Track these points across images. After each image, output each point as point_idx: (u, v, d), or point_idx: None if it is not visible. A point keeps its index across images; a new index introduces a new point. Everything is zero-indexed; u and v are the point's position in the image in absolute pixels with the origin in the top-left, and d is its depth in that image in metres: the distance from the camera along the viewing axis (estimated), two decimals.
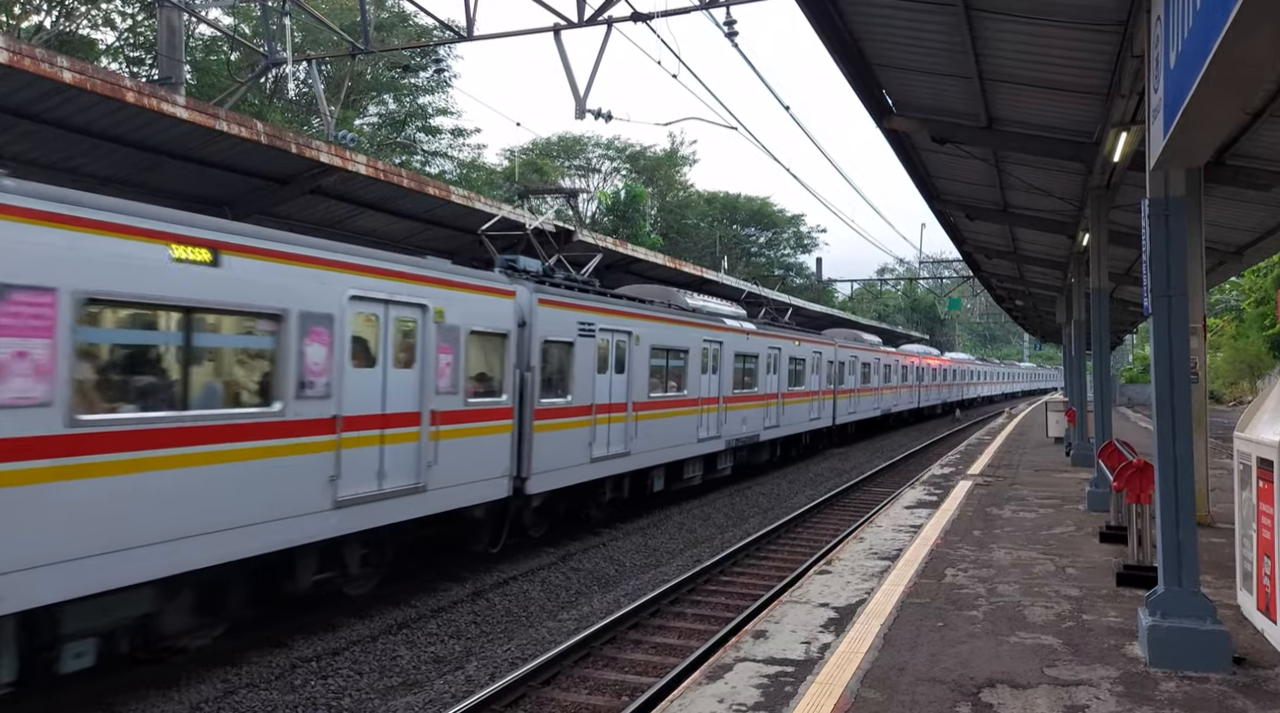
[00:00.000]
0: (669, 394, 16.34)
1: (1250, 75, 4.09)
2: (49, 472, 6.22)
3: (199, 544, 7.26)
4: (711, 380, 18.18)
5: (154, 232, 6.99)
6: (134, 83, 9.63)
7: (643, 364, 15.20)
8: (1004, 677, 5.78)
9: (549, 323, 12.28)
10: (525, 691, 7.80)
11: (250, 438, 7.71)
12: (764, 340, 21.55)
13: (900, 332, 55.50)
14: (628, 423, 14.60)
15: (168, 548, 7.02)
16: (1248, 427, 6.86)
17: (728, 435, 19.10)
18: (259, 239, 7.96)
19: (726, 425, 18.97)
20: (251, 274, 7.76)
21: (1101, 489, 12.25)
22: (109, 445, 6.62)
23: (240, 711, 7.32)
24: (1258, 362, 50.77)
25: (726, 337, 18.98)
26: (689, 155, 65.22)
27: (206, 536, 7.31)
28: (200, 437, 7.27)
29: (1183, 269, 6.06)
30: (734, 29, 15.26)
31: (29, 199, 6.15)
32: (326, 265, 8.57)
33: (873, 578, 8.56)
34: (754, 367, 20.89)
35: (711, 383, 18.20)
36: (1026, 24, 8.10)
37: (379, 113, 41.90)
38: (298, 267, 8.23)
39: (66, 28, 29.00)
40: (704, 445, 18.02)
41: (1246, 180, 10.74)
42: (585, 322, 13.22)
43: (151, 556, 6.90)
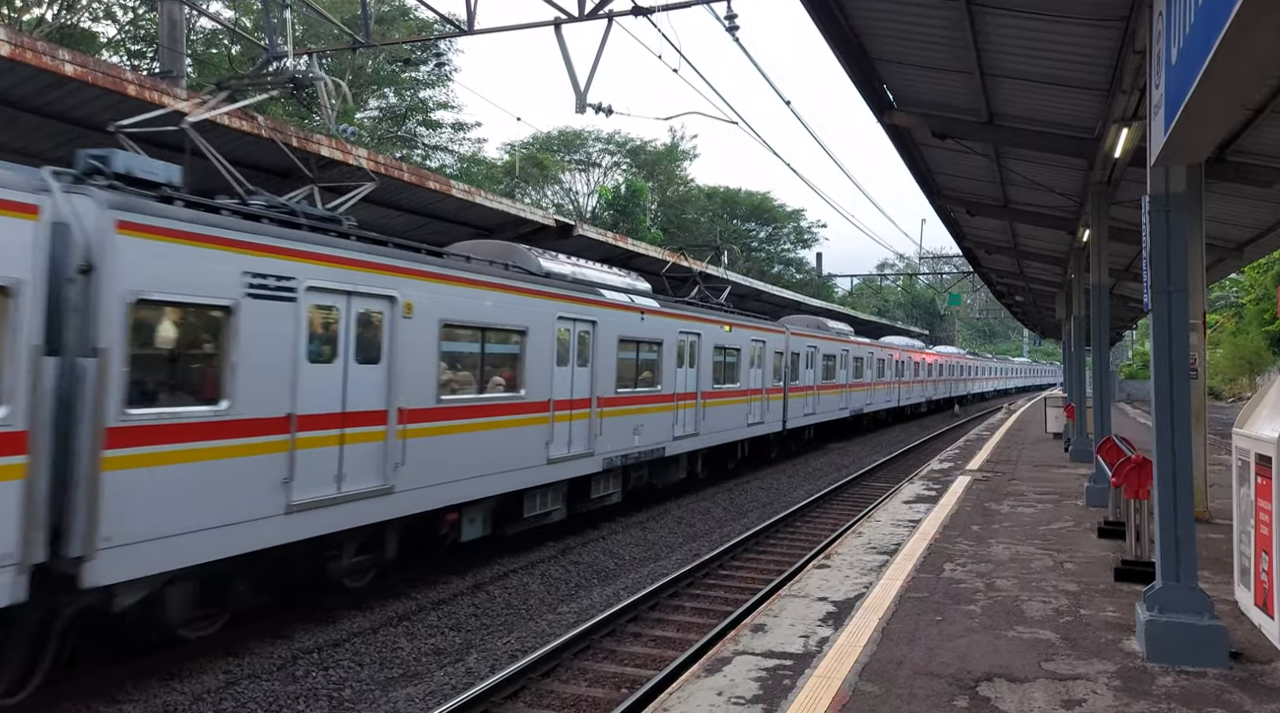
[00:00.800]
0: (485, 396, 11.27)
1: (1252, 70, 4.09)
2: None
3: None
4: (576, 375, 13.37)
5: None
6: (135, 76, 9.62)
7: (425, 350, 10.07)
8: (1001, 671, 5.81)
9: (157, 267, 7.17)
10: (525, 683, 7.84)
11: None
12: (671, 323, 16.60)
13: (884, 323, 54.41)
14: (386, 442, 9.42)
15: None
16: (1246, 423, 6.88)
17: (606, 451, 14.15)
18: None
19: (602, 437, 13.99)
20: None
21: (1100, 485, 12.28)
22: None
23: (242, 701, 7.36)
24: (1257, 358, 50.79)
25: (603, 314, 14.06)
26: (689, 150, 65.20)
27: None
28: None
29: (1183, 265, 6.07)
30: (735, 23, 15.24)
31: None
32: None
33: (871, 572, 8.59)
34: (655, 357, 16.11)
35: (576, 378, 13.34)
36: (1028, 19, 8.09)
37: (380, 107, 41.86)
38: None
39: (68, 21, 28.95)
40: (556, 469, 12.75)
41: (1247, 177, 10.74)
42: (267, 273, 8.12)
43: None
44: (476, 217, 15.13)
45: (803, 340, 24.96)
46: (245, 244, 7.91)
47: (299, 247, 8.46)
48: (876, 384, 34.30)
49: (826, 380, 27.54)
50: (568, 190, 59.11)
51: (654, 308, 16.08)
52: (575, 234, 16.89)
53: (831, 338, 28.29)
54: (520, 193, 52.19)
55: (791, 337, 23.99)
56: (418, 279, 9.97)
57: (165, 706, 7.19)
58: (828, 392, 27.51)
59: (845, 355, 29.52)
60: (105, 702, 7.20)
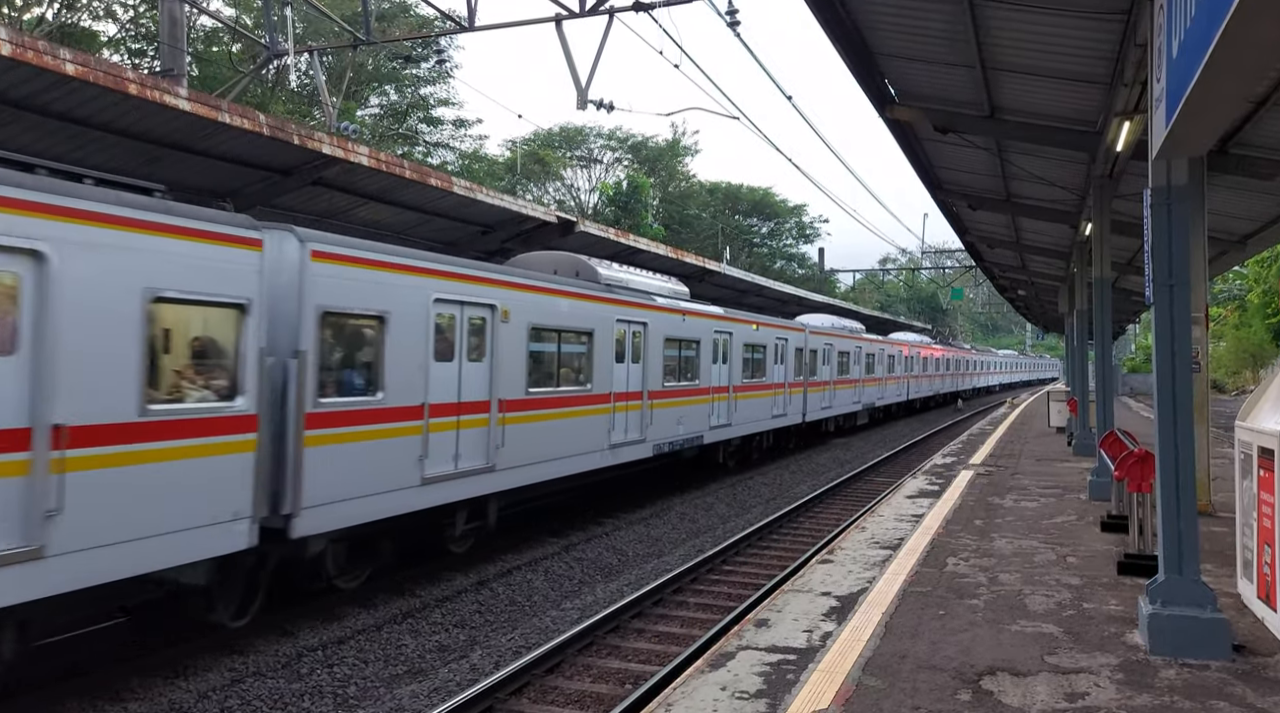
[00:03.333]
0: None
1: (1254, 63, 4.09)
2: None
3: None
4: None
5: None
6: (136, 74, 9.62)
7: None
8: (1005, 664, 5.82)
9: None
10: (529, 679, 7.86)
11: None
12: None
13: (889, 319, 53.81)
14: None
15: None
16: (1249, 416, 6.87)
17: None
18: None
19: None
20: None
21: (1103, 478, 12.27)
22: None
23: (247, 698, 7.38)
24: (1260, 351, 50.76)
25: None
26: (691, 146, 65.17)
27: None
28: None
29: (1185, 258, 6.06)
30: (736, 18, 15.24)
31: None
32: None
33: (874, 567, 8.60)
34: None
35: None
36: (1029, 13, 8.08)
37: (381, 104, 41.86)
38: None
39: (68, 20, 28.96)
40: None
41: (1249, 169, 10.72)
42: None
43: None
44: (478, 213, 15.13)
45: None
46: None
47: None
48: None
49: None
50: (569, 187, 59.11)
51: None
52: (577, 231, 16.88)
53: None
54: (522, 189, 52.18)
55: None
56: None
57: (171, 703, 7.22)
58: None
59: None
60: (111, 699, 7.22)
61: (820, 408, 26.64)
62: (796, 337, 24.36)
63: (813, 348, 25.77)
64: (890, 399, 36.91)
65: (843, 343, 29.16)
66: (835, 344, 28.22)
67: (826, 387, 27.28)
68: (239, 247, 7.82)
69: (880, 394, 34.81)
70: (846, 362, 29.56)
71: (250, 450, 7.90)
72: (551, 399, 12.73)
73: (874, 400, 33.80)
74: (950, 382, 52.02)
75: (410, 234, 15.41)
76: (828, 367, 27.40)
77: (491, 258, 16.41)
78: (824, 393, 26.99)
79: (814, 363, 25.90)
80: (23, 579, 6.09)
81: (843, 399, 29.25)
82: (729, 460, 20.60)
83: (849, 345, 29.88)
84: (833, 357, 27.91)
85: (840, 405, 28.95)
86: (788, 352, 23.47)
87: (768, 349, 21.95)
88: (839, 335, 28.95)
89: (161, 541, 7.09)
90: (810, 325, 26.14)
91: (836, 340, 28.39)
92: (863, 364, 31.64)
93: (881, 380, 34.70)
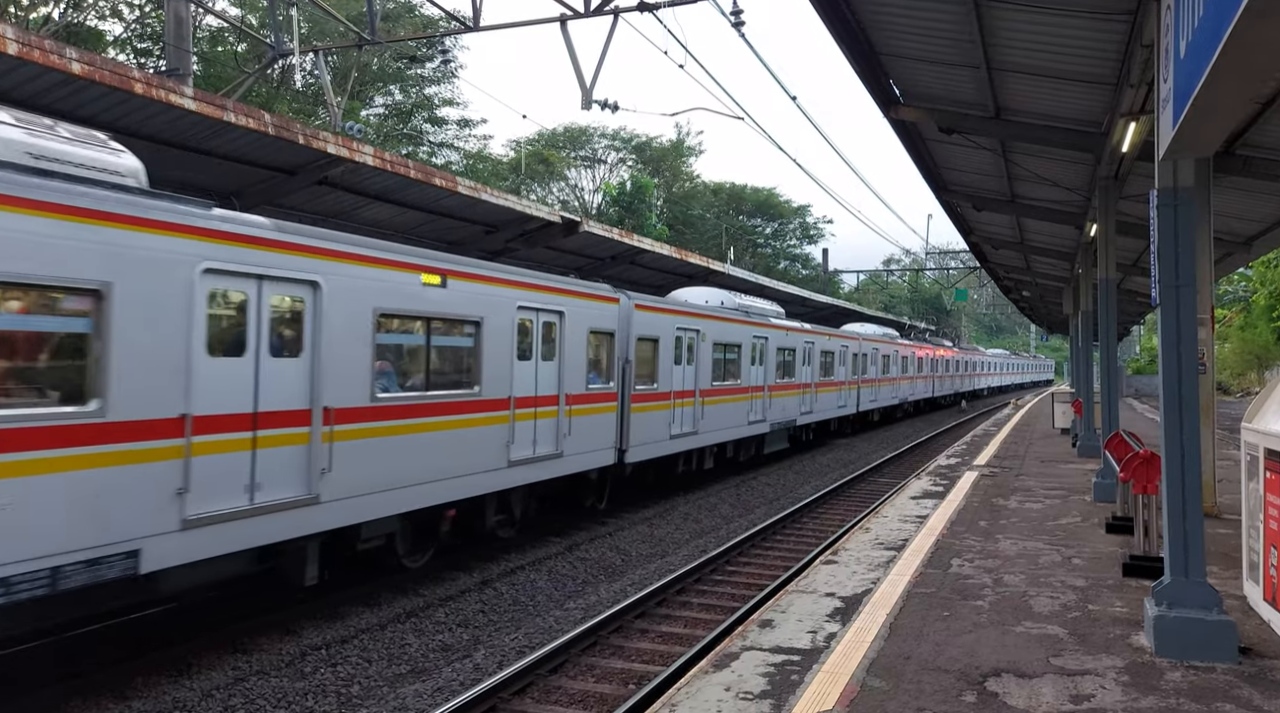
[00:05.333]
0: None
1: (1263, 62, 4.07)
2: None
3: None
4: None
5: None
6: (142, 74, 9.63)
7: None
8: (1010, 666, 5.81)
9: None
10: (533, 679, 7.85)
11: None
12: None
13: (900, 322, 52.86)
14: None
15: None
16: (1255, 418, 6.86)
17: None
18: None
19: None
20: None
21: (1108, 480, 12.25)
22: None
23: (251, 697, 7.39)
24: (1265, 353, 50.62)
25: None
26: (695, 146, 65.13)
27: None
28: None
29: (1191, 260, 6.05)
30: (741, 18, 15.24)
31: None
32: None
33: (879, 568, 8.59)
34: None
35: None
36: (1035, 13, 8.06)
37: (385, 104, 41.88)
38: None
39: (74, 19, 29.02)
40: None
41: (1256, 170, 10.68)
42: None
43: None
44: (482, 213, 15.14)
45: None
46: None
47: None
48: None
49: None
50: (573, 187, 59.12)
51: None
52: (581, 231, 16.88)
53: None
54: (526, 189, 52.20)
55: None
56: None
57: (174, 701, 7.22)
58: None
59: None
60: (115, 698, 7.23)
61: (869, 401, 32.81)
62: (851, 344, 30.56)
63: (862, 352, 31.64)
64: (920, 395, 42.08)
65: (885, 348, 35.34)
66: (880, 349, 34.35)
67: (873, 384, 33.38)
68: None
69: (911, 390, 40.07)
70: (887, 363, 35.68)
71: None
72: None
73: (907, 396, 39.34)
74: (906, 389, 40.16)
75: (415, 233, 15.42)
76: (874, 367, 33.50)
77: (496, 258, 16.43)
78: (870, 389, 33.02)
79: (864, 364, 31.91)
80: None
81: (885, 394, 35.52)
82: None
83: (889, 350, 35.92)
84: (877, 359, 33.95)
85: (882, 400, 35.25)
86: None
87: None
88: (880, 341, 34.73)
89: None
90: (861, 334, 32.85)
91: (881, 346, 34.52)
92: (899, 365, 37.23)
93: (912, 379, 39.65)
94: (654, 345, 15.72)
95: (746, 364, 20.02)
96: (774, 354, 21.97)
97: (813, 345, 25.54)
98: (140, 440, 7.01)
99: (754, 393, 20.59)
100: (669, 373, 16.11)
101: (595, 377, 13.86)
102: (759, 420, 21.08)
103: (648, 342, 15.58)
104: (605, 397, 14.06)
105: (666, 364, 16.02)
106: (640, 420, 15.04)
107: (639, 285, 21.16)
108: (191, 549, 7.40)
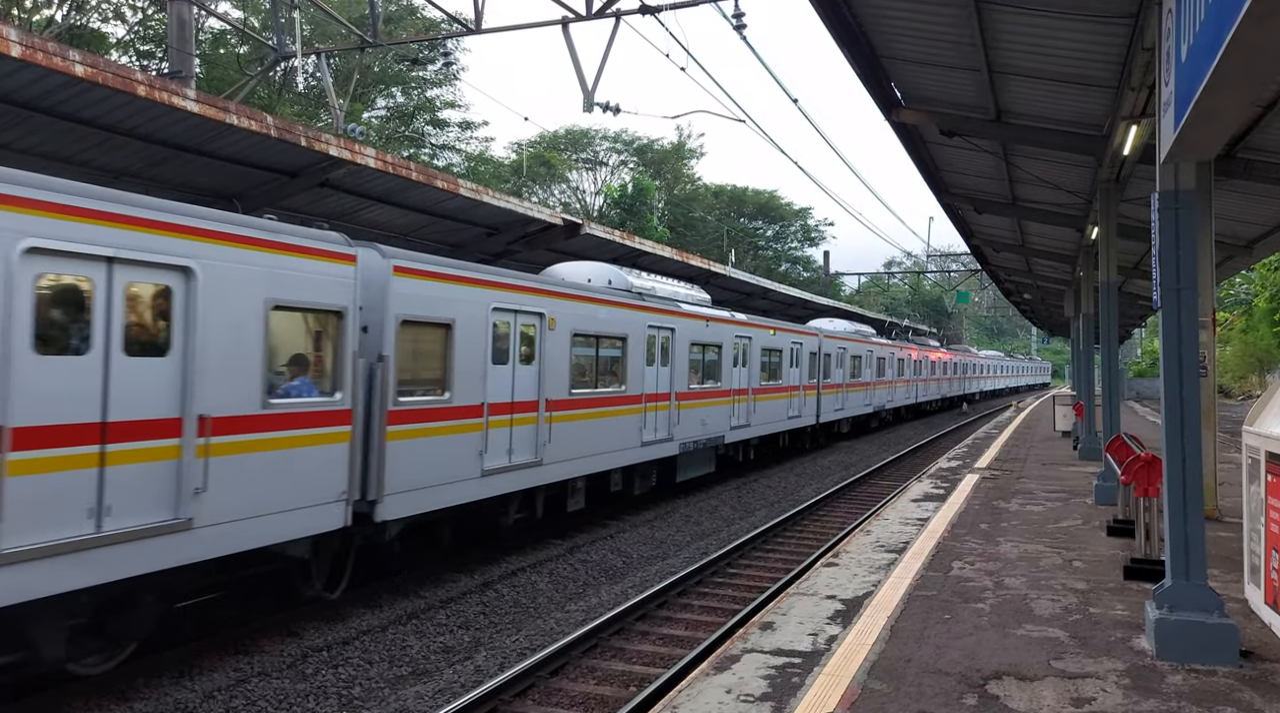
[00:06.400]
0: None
1: (1265, 66, 4.07)
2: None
3: None
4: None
5: None
6: (145, 76, 9.65)
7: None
8: (1010, 669, 5.81)
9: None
10: (534, 681, 7.86)
11: None
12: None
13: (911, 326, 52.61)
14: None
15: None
16: (1256, 421, 6.85)
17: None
18: None
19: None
20: None
21: (1109, 483, 12.25)
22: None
23: (253, 698, 7.39)
24: (1267, 356, 50.55)
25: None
26: (696, 148, 65.19)
27: None
28: None
29: (1192, 262, 6.05)
30: (742, 21, 15.25)
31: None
32: None
33: (880, 571, 8.59)
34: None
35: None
36: (1036, 16, 8.07)
37: (387, 106, 41.91)
38: None
39: (77, 21, 29.07)
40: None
41: (1257, 173, 10.69)
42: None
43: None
44: (483, 215, 15.15)
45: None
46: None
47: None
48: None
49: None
50: (575, 189, 59.13)
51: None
52: (583, 233, 16.90)
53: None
54: (527, 192, 52.21)
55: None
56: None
57: (176, 703, 7.23)
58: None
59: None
60: (116, 699, 7.24)
61: (888, 401, 36.21)
62: (880, 350, 34.13)
63: (883, 357, 34.65)
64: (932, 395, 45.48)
65: (900, 353, 38.04)
66: (895, 354, 37.01)
67: (891, 385, 36.35)
68: None
69: (926, 391, 43.37)
70: (903, 366, 38.37)
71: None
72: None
73: (917, 396, 42.15)
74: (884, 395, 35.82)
75: (417, 235, 15.44)
76: (892, 370, 36.52)
77: (497, 260, 16.44)
78: (887, 390, 35.76)
79: (885, 368, 35.16)
80: None
81: (900, 394, 38.44)
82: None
83: (905, 355, 38.93)
84: (895, 364, 36.74)
85: (899, 400, 38.23)
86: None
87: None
88: (895, 346, 37.27)
89: None
90: (885, 342, 35.95)
91: (896, 351, 37.14)
92: (912, 368, 40.09)
93: (925, 381, 42.54)
94: (444, 335, 10.40)
95: (637, 364, 15.16)
96: (685, 351, 17.15)
97: (749, 341, 20.71)
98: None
99: (652, 402, 15.73)
100: (475, 376, 10.84)
101: (301, 385, 8.62)
102: (661, 439, 16.07)
103: (430, 328, 10.28)
104: (313, 418, 8.54)
105: (472, 363, 10.78)
106: (412, 451, 9.76)
107: None
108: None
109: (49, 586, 6.30)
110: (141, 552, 6.94)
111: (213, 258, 7.54)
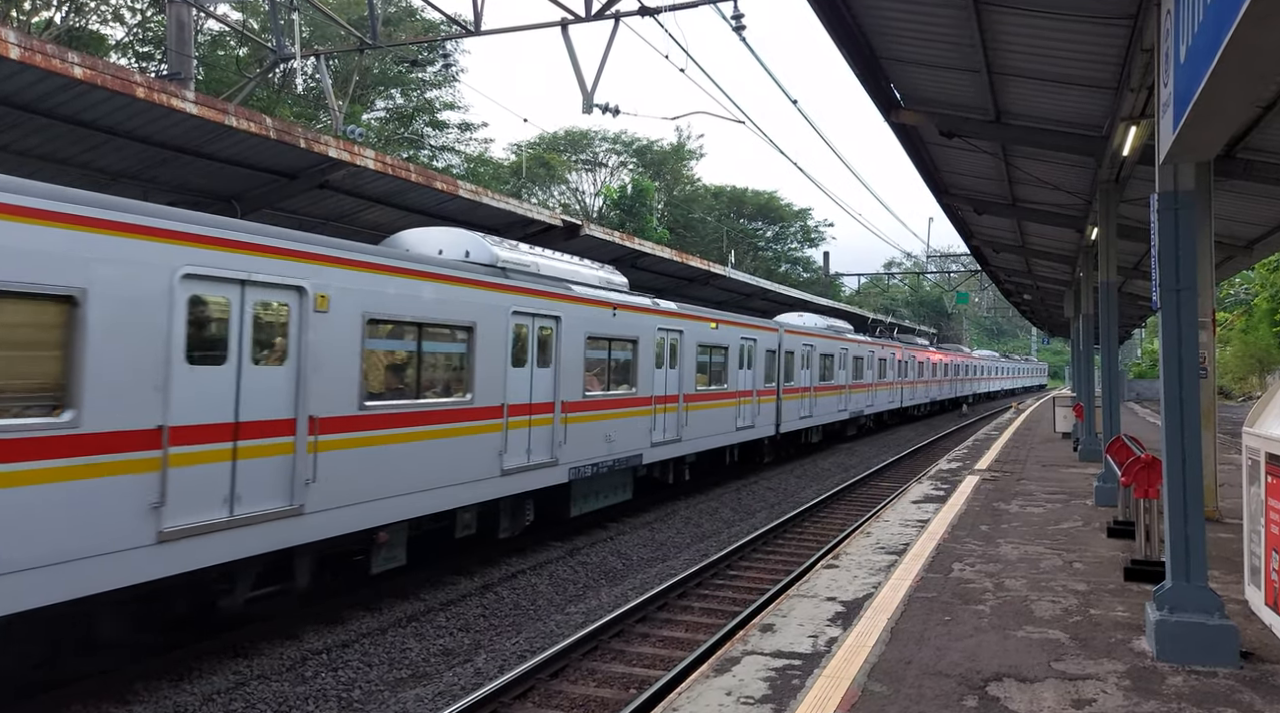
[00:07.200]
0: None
1: (1264, 67, 4.07)
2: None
3: None
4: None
5: None
6: (144, 78, 9.65)
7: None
8: (1011, 670, 5.80)
9: None
10: (534, 683, 7.85)
11: None
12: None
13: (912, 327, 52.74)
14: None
15: None
16: (1257, 421, 6.85)
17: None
18: None
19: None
20: None
21: (1109, 484, 12.24)
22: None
23: (252, 702, 7.38)
24: (1267, 357, 50.55)
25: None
26: (696, 149, 65.19)
27: None
28: None
29: (1192, 263, 6.05)
30: (741, 22, 15.25)
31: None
32: None
33: (880, 572, 8.58)
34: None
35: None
36: (1035, 18, 8.07)
37: (387, 107, 41.92)
38: None
39: (76, 23, 29.08)
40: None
41: (1256, 174, 10.69)
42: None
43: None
44: (483, 217, 15.15)
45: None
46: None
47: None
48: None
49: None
50: (574, 190, 59.16)
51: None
52: (582, 234, 16.90)
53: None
54: (527, 193, 52.23)
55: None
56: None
57: (175, 706, 7.22)
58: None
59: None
60: (115, 702, 7.23)
61: (900, 400, 38.42)
62: (894, 352, 36.65)
63: (903, 359, 38.07)
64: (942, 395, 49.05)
65: (915, 355, 41.40)
66: (914, 355, 40.90)
67: (897, 386, 37.99)
68: None
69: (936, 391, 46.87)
70: (909, 368, 40.57)
71: None
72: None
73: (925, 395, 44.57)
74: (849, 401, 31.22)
75: None
76: (905, 371, 39.83)
77: None
78: (894, 390, 37.28)
79: (906, 370, 38.23)
80: None
81: (909, 395, 40.95)
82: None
83: (922, 357, 42.73)
84: (912, 366, 39.95)
85: (908, 399, 40.84)
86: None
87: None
88: (910, 350, 40.13)
89: None
90: (903, 344, 39.33)
91: (911, 353, 40.59)
92: (917, 369, 42.16)
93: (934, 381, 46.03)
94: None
95: (494, 364, 11.27)
96: (580, 347, 13.27)
97: (679, 336, 16.79)
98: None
99: (521, 415, 11.85)
100: (159, 390, 7.16)
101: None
102: (540, 463, 12.20)
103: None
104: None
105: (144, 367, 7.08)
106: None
107: (640, 289, 21.10)
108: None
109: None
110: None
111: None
